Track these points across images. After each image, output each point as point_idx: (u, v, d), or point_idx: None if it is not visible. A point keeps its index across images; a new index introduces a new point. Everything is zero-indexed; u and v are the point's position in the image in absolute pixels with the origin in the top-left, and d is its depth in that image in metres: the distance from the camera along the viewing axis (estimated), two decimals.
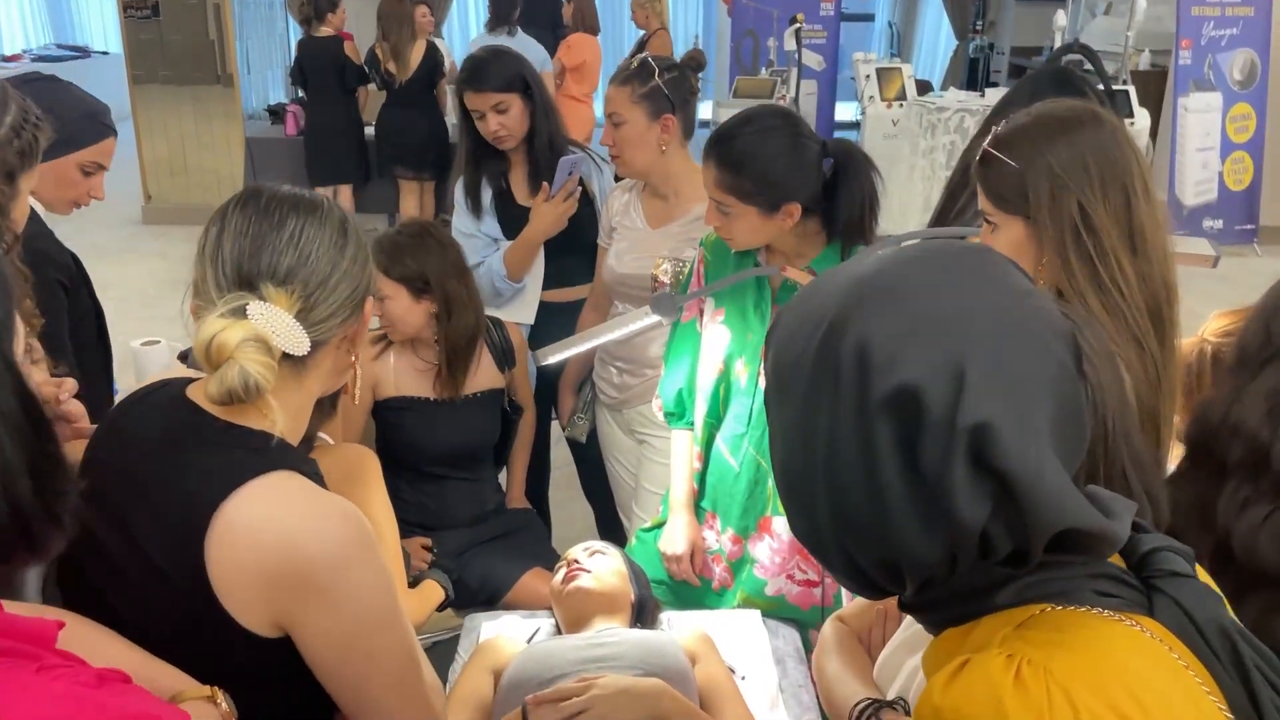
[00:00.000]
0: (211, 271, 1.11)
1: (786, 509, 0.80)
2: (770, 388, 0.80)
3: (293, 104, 7.01)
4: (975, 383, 0.68)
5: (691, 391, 2.13)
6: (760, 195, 1.83)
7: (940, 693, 0.71)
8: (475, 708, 1.63)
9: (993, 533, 0.69)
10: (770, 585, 2.04)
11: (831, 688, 1.37)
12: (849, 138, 9.72)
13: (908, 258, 0.77)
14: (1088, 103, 1.52)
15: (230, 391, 1.05)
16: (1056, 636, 0.71)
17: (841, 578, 0.79)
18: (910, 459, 0.69)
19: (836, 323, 0.74)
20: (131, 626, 1.09)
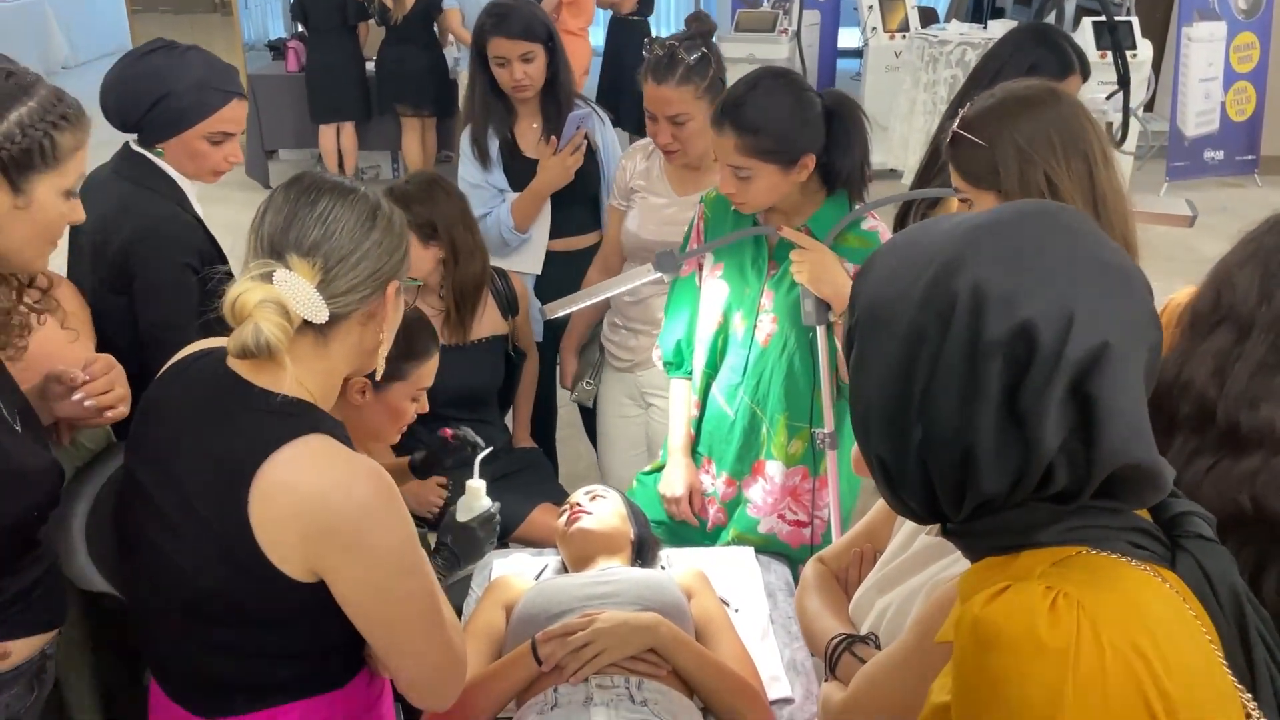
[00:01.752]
0: (252, 243, 1.24)
1: (869, 435, 0.86)
2: (862, 323, 0.86)
3: (293, 40, 6.98)
4: (1084, 320, 0.76)
5: (690, 342, 2.23)
6: (780, 152, 1.90)
7: (980, 607, 0.78)
8: (488, 640, 1.77)
9: (1057, 465, 0.78)
10: (762, 524, 2.17)
11: (811, 624, 1.50)
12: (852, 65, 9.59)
13: (1018, 212, 0.84)
14: (1046, 81, 1.62)
15: (244, 346, 1.16)
16: (1090, 576, 0.78)
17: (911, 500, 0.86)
18: (1011, 393, 0.77)
19: (950, 264, 0.80)
20: (182, 571, 1.23)
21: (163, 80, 1.95)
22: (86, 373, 1.48)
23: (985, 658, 0.78)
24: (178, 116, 1.95)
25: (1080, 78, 2.30)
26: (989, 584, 0.81)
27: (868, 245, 1.96)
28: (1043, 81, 1.62)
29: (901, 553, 1.40)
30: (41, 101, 1.28)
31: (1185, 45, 7.05)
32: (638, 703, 1.54)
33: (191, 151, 1.98)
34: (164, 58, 1.97)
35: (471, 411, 2.50)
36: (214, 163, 2.01)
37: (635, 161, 2.54)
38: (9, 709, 1.36)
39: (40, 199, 1.30)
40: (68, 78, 10.92)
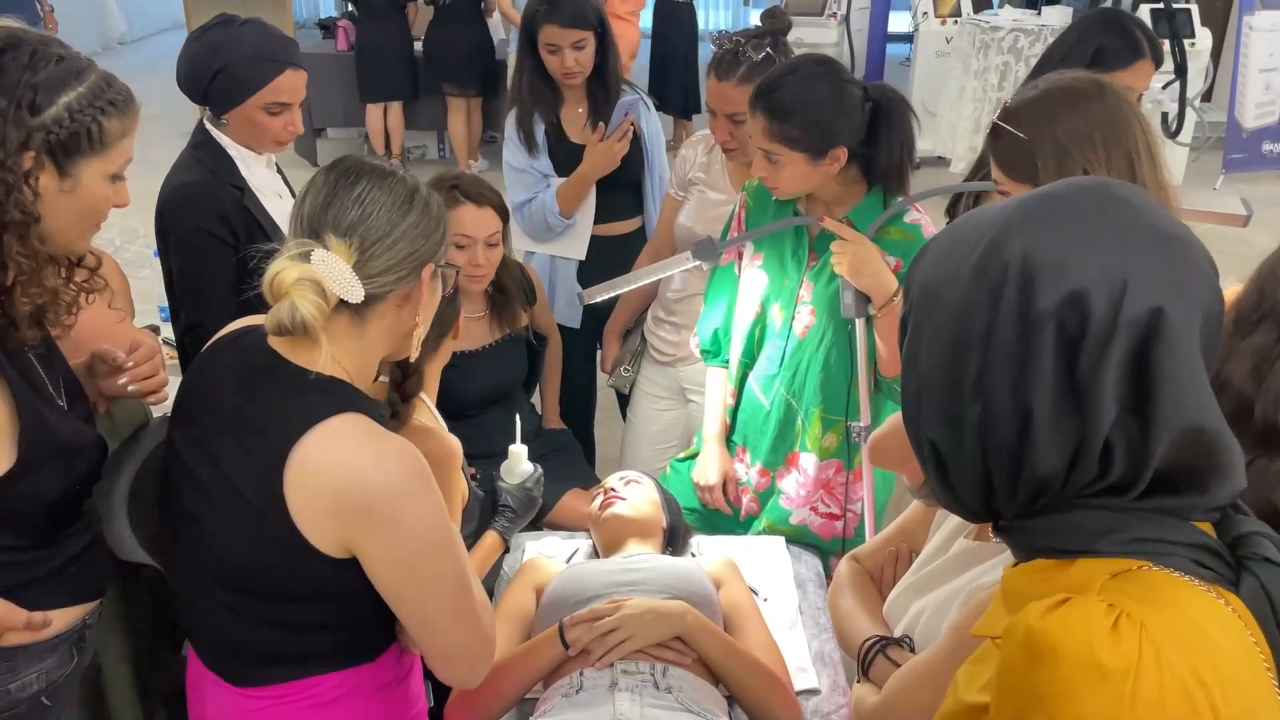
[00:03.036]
0: (293, 224, 1.26)
1: (921, 419, 0.83)
2: (915, 307, 0.84)
3: (343, 19, 7.03)
4: (1138, 287, 0.73)
5: (727, 331, 2.23)
6: (808, 141, 1.88)
7: (1037, 618, 0.74)
8: (518, 622, 1.78)
9: (1114, 441, 0.74)
10: (795, 515, 2.17)
11: (844, 624, 1.50)
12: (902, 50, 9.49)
13: (1070, 183, 0.82)
14: (1092, 73, 1.58)
15: (280, 324, 1.18)
16: (1152, 595, 0.75)
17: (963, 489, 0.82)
18: (1068, 364, 0.74)
19: (999, 238, 0.78)
20: (220, 543, 1.26)
21: (219, 53, 2.00)
22: (131, 357, 1.51)
23: (1037, 671, 0.74)
24: (235, 88, 2.00)
25: (1151, 63, 2.24)
26: (1040, 587, 0.78)
27: (910, 238, 1.94)
28: (1089, 74, 1.59)
29: (939, 555, 1.39)
30: (91, 87, 1.29)
31: (1246, 34, 6.87)
32: (662, 690, 1.55)
33: (252, 122, 2.04)
34: (221, 32, 2.02)
35: (498, 404, 2.52)
36: (275, 132, 2.06)
37: (696, 153, 2.51)
38: (48, 676, 1.40)
39: (86, 183, 1.32)
40: (124, 53, 11.10)
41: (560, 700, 1.56)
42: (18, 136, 1.24)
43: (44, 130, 1.26)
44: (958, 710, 0.85)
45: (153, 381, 1.52)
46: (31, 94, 1.25)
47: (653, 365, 2.63)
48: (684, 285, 2.51)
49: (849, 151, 1.90)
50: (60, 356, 1.43)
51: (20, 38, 1.26)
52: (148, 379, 1.51)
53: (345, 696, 1.32)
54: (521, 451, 1.91)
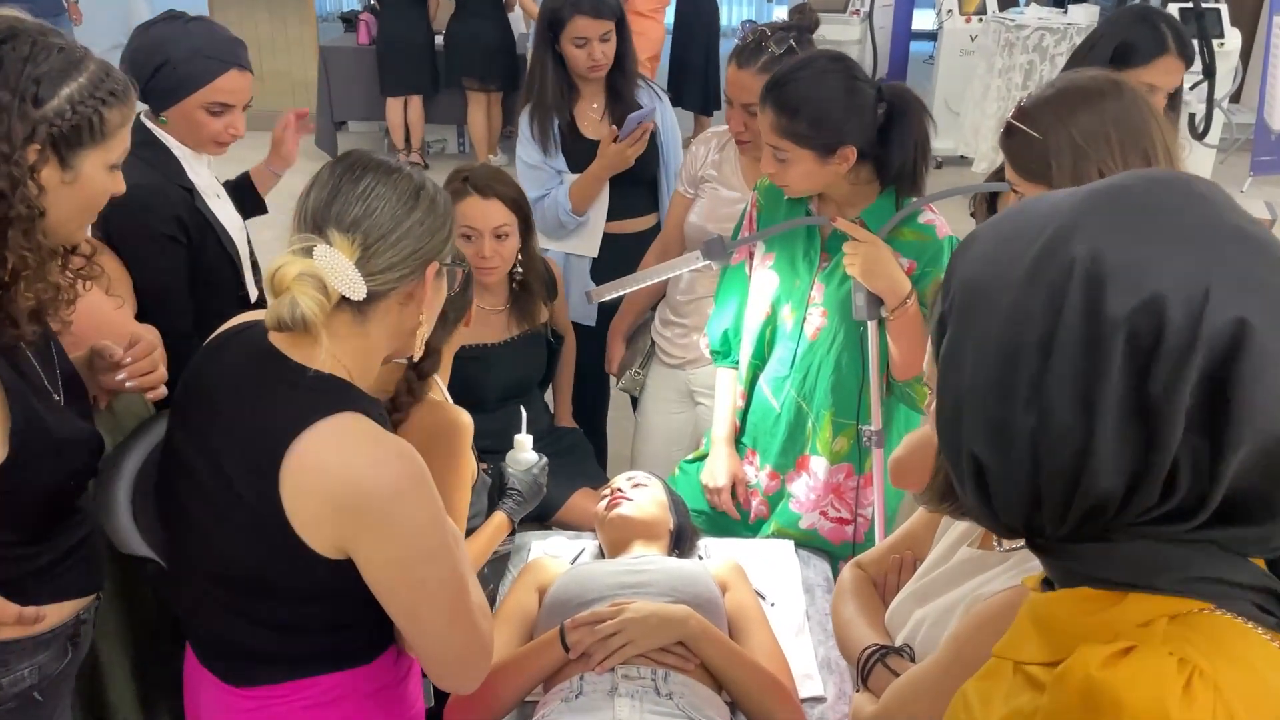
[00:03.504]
0: (296, 218, 1.24)
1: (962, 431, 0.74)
2: (958, 307, 0.76)
3: (365, 12, 7.03)
4: (1221, 295, 0.65)
5: (737, 332, 2.20)
6: (816, 139, 1.84)
7: (1099, 667, 0.68)
8: (520, 623, 1.77)
9: (1180, 464, 0.67)
10: (804, 520, 2.14)
11: (845, 630, 1.47)
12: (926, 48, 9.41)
13: (1143, 175, 0.74)
14: (1110, 72, 1.54)
15: (280, 319, 1.16)
16: (1217, 647, 0.69)
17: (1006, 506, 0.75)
18: (1139, 378, 0.66)
19: (1061, 233, 0.70)
20: (216, 541, 1.24)
21: (162, 49, 1.94)
22: (130, 353, 1.50)
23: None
24: (175, 84, 1.95)
25: (1179, 60, 2.19)
26: (1087, 622, 0.72)
27: (924, 239, 1.91)
28: (1106, 72, 1.55)
29: (942, 564, 1.36)
30: (91, 77, 1.28)
31: (1276, 35, 6.76)
32: (663, 695, 1.53)
33: (191, 121, 1.98)
34: (166, 27, 1.97)
35: (517, 399, 2.51)
36: (213, 132, 2.00)
37: (708, 149, 2.47)
38: (41, 671, 1.39)
39: (87, 173, 1.31)
40: None
41: (559, 704, 1.54)
42: (23, 130, 1.23)
43: (47, 123, 1.25)
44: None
45: (151, 378, 1.51)
46: (34, 87, 1.24)
47: (661, 367, 2.60)
48: (691, 287, 2.48)
49: (859, 151, 1.86)
50: (60, 351, 1.42)
51: (18, 28, 1.25)
52: (146, 375, 1.50)
53: (341, 699, 1.30)
54: (526, 440, 1.92)
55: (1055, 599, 0.76)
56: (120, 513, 1.59)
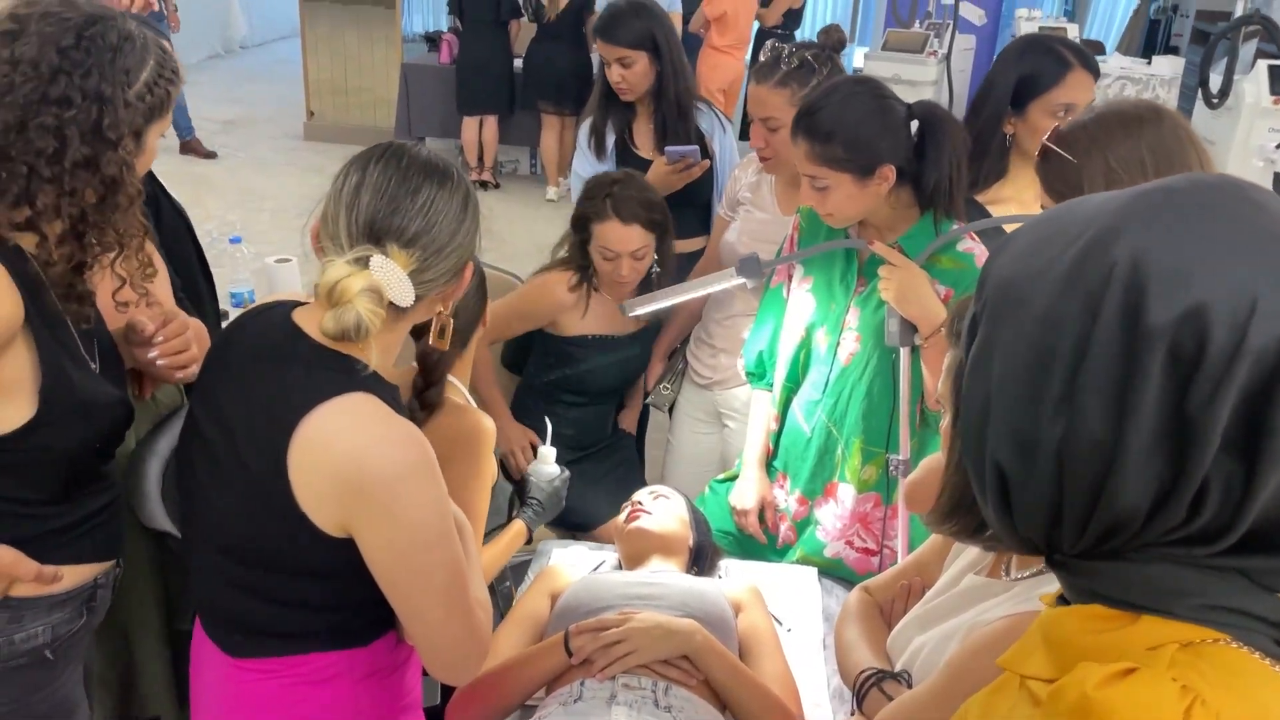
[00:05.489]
0: (346, 218, 1.23)
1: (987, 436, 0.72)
2: (990, 307, 0.73)
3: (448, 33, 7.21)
4: (1270, 306, 0.62)
5: (773, 354, 2.19)
6: (852, 161, 1.83)
7: (1096, 685, 0.66)
8: (529, 627, 1.77)
9: (1211, 485, 0.64)
10: (829, 548, 2.11)
11: (845, 654, 1.45)
12: None
13: (1192, 178, 0.70)
14: (1151, 101, 1.51)
15: (344, 331, 1.19)
16: (1227, 679, 0.66)
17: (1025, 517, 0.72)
18: (1178, 392, 0.63)
19: (1103, 235, 0.66)
20: (224, 511, 1.27)
21: None
22: (162, 332, 1.54)
23: None
24: None
25: (1086, 73, 2.15)
26: (1095, 641, 0.69)
27: (962, 267, 1.88)
28: (1147, 101, 1.52)
29: (947, 590, 1.33)
30: (157, 59, 1.37)
31: None
32: (661, 707, 1.51)
33: None
34: None
35: (609, 400, 2.56)
36: None
37: (747, 173, 2.50)
38: (55, 631, 1.43)
39: (150, 145, 1.41)
40: (245, 55, 11.58)
41: (557, 708, 1.54)
42: (126, 118, 1.32)
43: (135, 109, 1.33)
44: None
45: (182, 357, 1.55)
46: (125, 76, 1.32)
47: (692, 387, 2.61)
48: (726, 308, 2.48)
49: (897, 170, 1.84)
50: (102, 324, 1.48)
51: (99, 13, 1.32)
52: (177, 354, 1.54)
53: (334, 678, 1.31)
54: (549, 453, 1.95)
55: (1066, 614, 0.74)
56: (149, 489, 1.64)
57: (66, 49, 1.28)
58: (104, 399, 1.39)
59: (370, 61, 7.87)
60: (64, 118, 1.27)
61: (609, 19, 2.67)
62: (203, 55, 10.71)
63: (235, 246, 2.99)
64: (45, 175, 1.27)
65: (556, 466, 1.92)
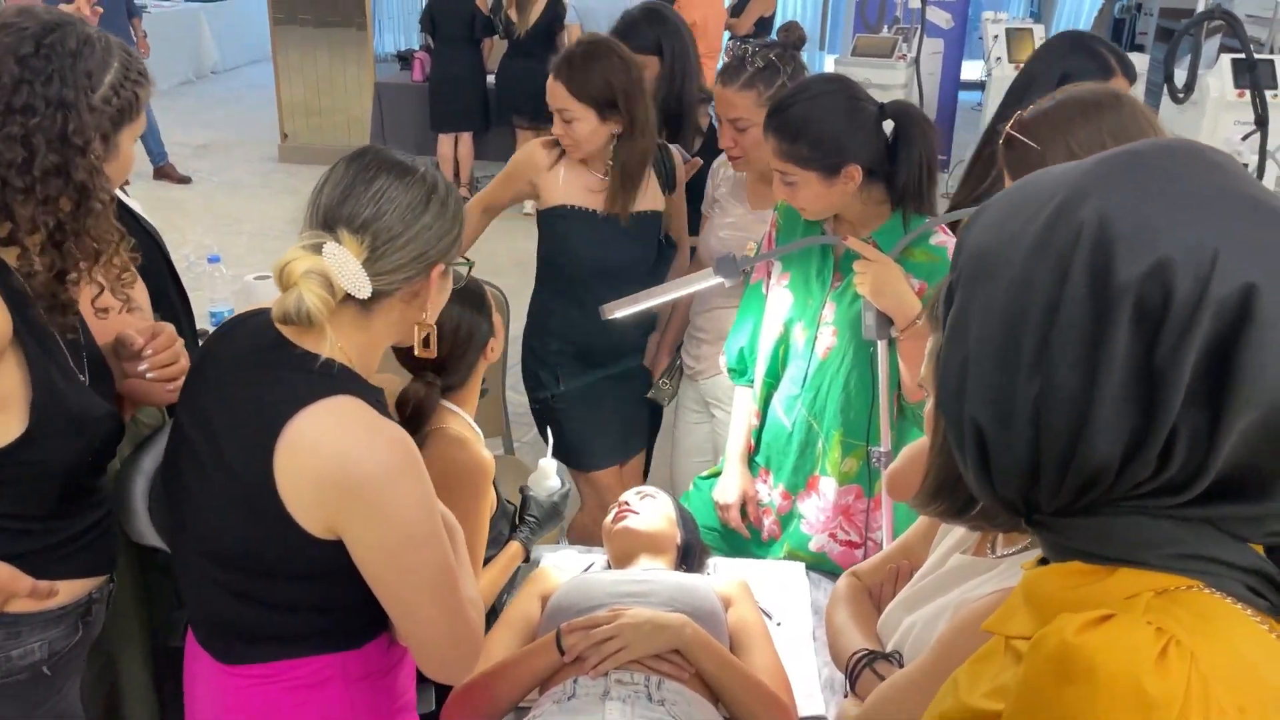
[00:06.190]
0: (309, 211, 1.28)
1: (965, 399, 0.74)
2: (965, 274, 0.75)
3: (420, 51, 7.24)
4: (1230, 260, 0.65)
5: (753, 350, 2.21)
6: (818, 160, 1.87)
7: (1074, 632, 0.67)
8: (521, 629, 1.78)
9: (1178, 435, 0.66)
10: (814, 542, 2.13)
11: (836, 638, 1.47)
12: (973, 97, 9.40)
13: (1153, 143, 0.74)
14: (1109, 84, 1.55)
15: (285, 313, 1.20)
16: (1202, 623, 0.68)
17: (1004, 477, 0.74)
18: (1146, 345, 0.66)
19: (1071, 199, 0.69)
20: (212, 517, 1.28)
21: None
22: (151, 344, 1.55)
23: (1068, 691, 0.67)
24: None
25: (1125, 80, 2.19)
26: (1073, 595, 0.71)
27: (935, 260, 1.91)
28: (1106, 85, 1.56)
29: (934, 571, 1.36)
30: (121, 61, 1.37)
31: None
32: (655, 702, 1.53)
33: None
34: None
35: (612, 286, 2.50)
36: None
37: (723, 169, 2.55)
38: (52, 646, 1.43)
39: (124, 149, 1.41)
40: (217, 80, 11.56)
41: (551, 706, 1.55)
42: (93, 123, 1.32)
43: (101, 112, 1.33)
44: (958, 713, 0.78)
45: (173, 369, 1.56)
46: (88, 80, 1.32)
47: (686, 381, 2.68)
48: (706, 300, 2.54)
49: (864, 170, 1.88)
50: (90, 338, 1.48)
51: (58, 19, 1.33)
52: (167, 366, 1.55)
53: (328, 681, 1.32)
54: (550, 466, 1.96)
55: (1045, 573, 0.76)
56: (136, 505, 1.64)
57: (25, 57, 1.28)
58: (96, 411, 1.40)
59: (343, 82, 7.89)
60: (30, 126, 1.27)
61: (624, 26, 2.72)
62: (174, 81, 10.69)
63: (214, 266, 2.99)
64: (18, 186, 1.27)
65: (558, 479, 1.94)
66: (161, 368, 1.56)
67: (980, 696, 0.76)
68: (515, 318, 2.97)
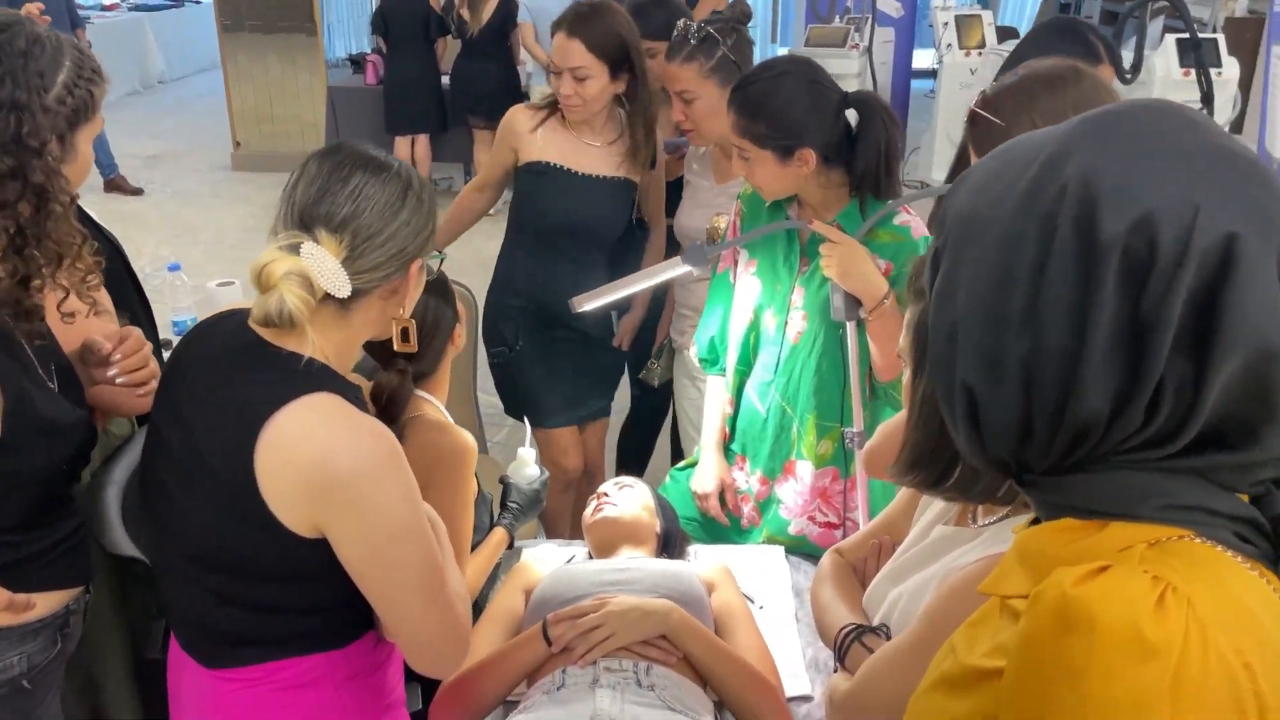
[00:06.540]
0: (283, 209, 1.26)
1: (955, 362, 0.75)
2: (952, 239, 0.77)
3: (372, 54, 7.18)
4: (1210, 212, 0.66)
5: (724, 339, 2.23)
6: (774, 140, 1.89)
7: (1073, 584, 0.69)
8: (506, 623, 1.78)
9: (1165, 387, 0.68)
10: (793, 525, 2.15)
11: (822, 614, 1.48)
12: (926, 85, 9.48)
13: (1131, 102, 0.76)
14: (1072, 60, 1.58)
15: (267, 315, 1.19)
16: (1195, 570, 0.69)
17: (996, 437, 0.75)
18: (1133, 297, 0.67)
19: (1053, 160, 0.71)
20: (194, 520, 1.27)
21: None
22: (119, 349, 1.53)
23: (1068, 641, 0.68)
24: None
25: (1111, 68, 2.24)
26: (1068, 550, 0.73)
27: (900, 240, 1.94)
28: (1067, 61, 1.58)
29: (917, 543, 1.37)
30: (74, 60, 1.35)
31: (1275, 63, 6.80)
32: (644, 687, 1.54)
33: None
34: None
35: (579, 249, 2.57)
36: None
37: (694, 150, 2.60)
38: (30, 660, 1.41)
39: (82, 150, 1.39)
40: (165, 90, 11.39)
41: (541, 697, 1.55)
42: (48, 124, 1.30)
43: (56, 113, 1.31)
44: (959, 674, 0.79)
45: (142, 373, 1.54)
46: (40, 79, 1.30)
47: (680, 356, 2.72)
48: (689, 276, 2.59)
49: (820, 155, 1.90)
50: (56, 345, 1.46)
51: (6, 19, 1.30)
52: (136, 370, 1.53)
53: (315, 681, 1.32)
54: (529, 454, 1.97)
55: (1038, 531, 0.77)
56: (110, 517, 1.62)
57: None
58: (67, 419, 1.38)
59: (295, 88, 7.81)
60: None
61: (635, 10, 2.71)
62: (121, 93, 10.51)
63: (175, 275, 2.95)
64: None
65: (536, 468, 1.95)
66: (131, 372, 1.54)
67: (980, 656, 0.76)
68: None
